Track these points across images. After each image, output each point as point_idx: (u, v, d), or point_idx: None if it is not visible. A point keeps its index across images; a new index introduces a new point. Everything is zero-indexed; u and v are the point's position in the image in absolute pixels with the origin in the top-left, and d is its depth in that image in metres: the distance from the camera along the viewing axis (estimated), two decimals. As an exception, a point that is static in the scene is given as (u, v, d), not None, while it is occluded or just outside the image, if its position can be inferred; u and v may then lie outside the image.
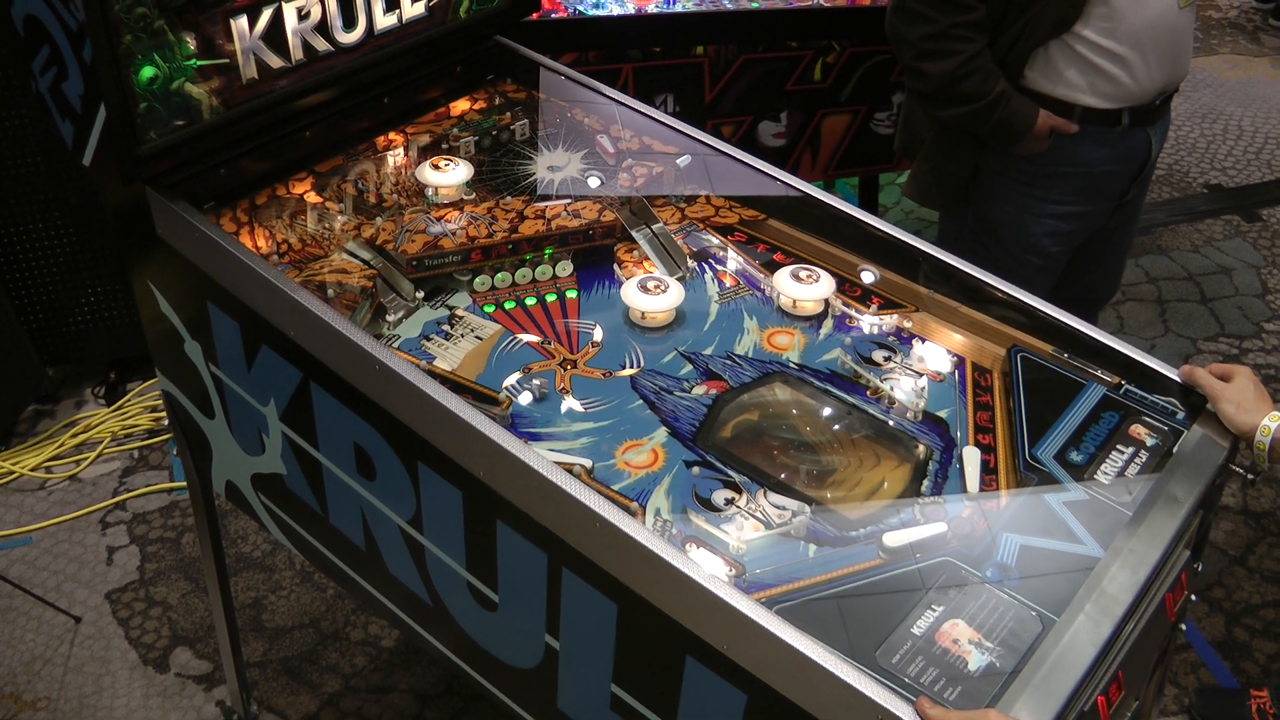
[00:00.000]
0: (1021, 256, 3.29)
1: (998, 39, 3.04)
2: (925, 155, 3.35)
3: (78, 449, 4.31)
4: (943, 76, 3.04)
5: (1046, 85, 3.07)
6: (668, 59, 4.04)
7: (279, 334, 2.23)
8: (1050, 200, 3.21)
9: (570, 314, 2.41)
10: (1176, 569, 2.03)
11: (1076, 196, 3.21)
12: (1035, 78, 3.07)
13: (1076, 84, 3.04)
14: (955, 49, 3.00)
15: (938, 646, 1.75)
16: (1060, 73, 3.03)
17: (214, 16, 2.25)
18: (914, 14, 3.04)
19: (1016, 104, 3.04)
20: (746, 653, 1.73)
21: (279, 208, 2.51)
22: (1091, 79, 3.02)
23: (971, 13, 2.99)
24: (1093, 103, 3.06)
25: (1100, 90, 3.04)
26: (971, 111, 3.07)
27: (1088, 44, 2.97)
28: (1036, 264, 3.30)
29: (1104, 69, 2.99)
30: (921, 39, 3.04)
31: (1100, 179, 3.19)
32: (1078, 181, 3.18)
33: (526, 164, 2.72)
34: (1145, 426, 2.15)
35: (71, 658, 3.56)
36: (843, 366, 2.29)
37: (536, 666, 2.12)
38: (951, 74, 3.02)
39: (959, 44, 3.00)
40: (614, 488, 2.01)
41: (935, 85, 3.08)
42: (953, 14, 2.99)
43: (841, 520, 1.97)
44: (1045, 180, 3.19)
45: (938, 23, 3.00)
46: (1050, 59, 3.03)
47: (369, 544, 2.36)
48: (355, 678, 3.47)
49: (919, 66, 3.09)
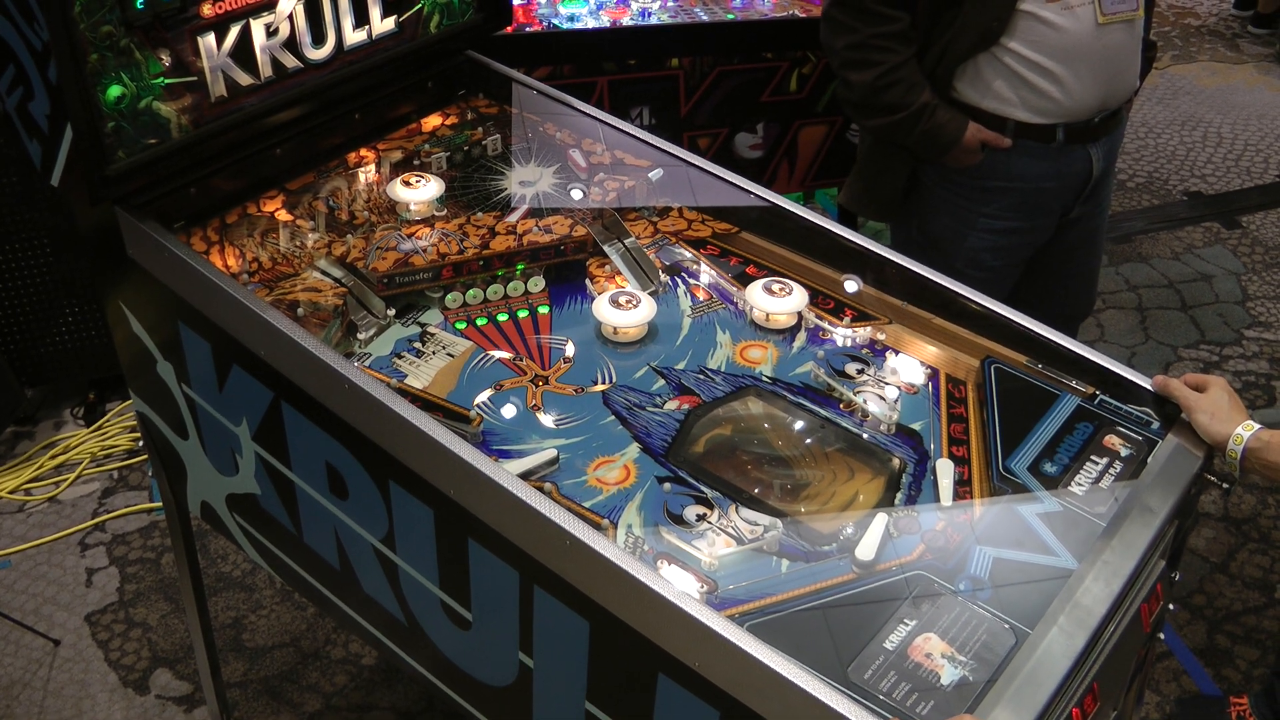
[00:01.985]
0: (962, 270, 3.23)
1: (926, 51, 3.03)
2: (859, 164, 3.36)
3: (57, 470, 4.29)
4: (864, 87, 3.03)
5: (976, 98, 3.05)
6: (643, 71, 4.04)
7: (249, 354, 2.22)
8: (986, 215, 3.18)
9: (542, 330, 2.40)
10: (1152, 579, 2.03)
11: (1013, 212, 3.18)
12: (965, 90, 3.05)
13: (1007, 97, 3.01)
14: (876, 59, 2.99)
15: (910, 661, 1.74)
16: (989, 85, 3.01)
17: (181, 34, 2.25)
18: (837, 24, 3.04)
19: (942, 116, 3.02)
20: (718, 670, 1.72)
21: (250, 226, 2.50)
22: (1022, 93, 3.00)
23: (893, 24, 2.97)
24: (1025, 117, 3.03)
25: (1032, 105, 3.01)
26: (894, 122, 3.05)
27: (1016, 57, 2.94)
28: (977, 277, 3.24)
29: (1033, 83, 2.97)
30: (845, 48, 3.03)
31: (1037, 195, 3.16)
32: (1014, 197, 3.15)
33: (498, 179, 2.72)
34: (1120, 437, 2.15)
35: (51, 681, 3.54)
36: (816, 380, 2.29)
37: (511, 685, 2.11)
38: (872, 84, 3.01)
39: (880, 54, 2.99)
40: (585, 504, 2.00)
41: (859, 95, 3.07)
42: (874, 25, 2.97)
43: (814, 535, 1.96)
44: (981, 194, 3.16)
45: (859, 33, 2.99)
46: (979, 72, 3.01)
47: (343, 563, 2.34)
48: (336, 696, 3.45)
49: (844, 76, 3.09)
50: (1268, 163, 6.08)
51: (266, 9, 2.37)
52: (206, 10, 2.27)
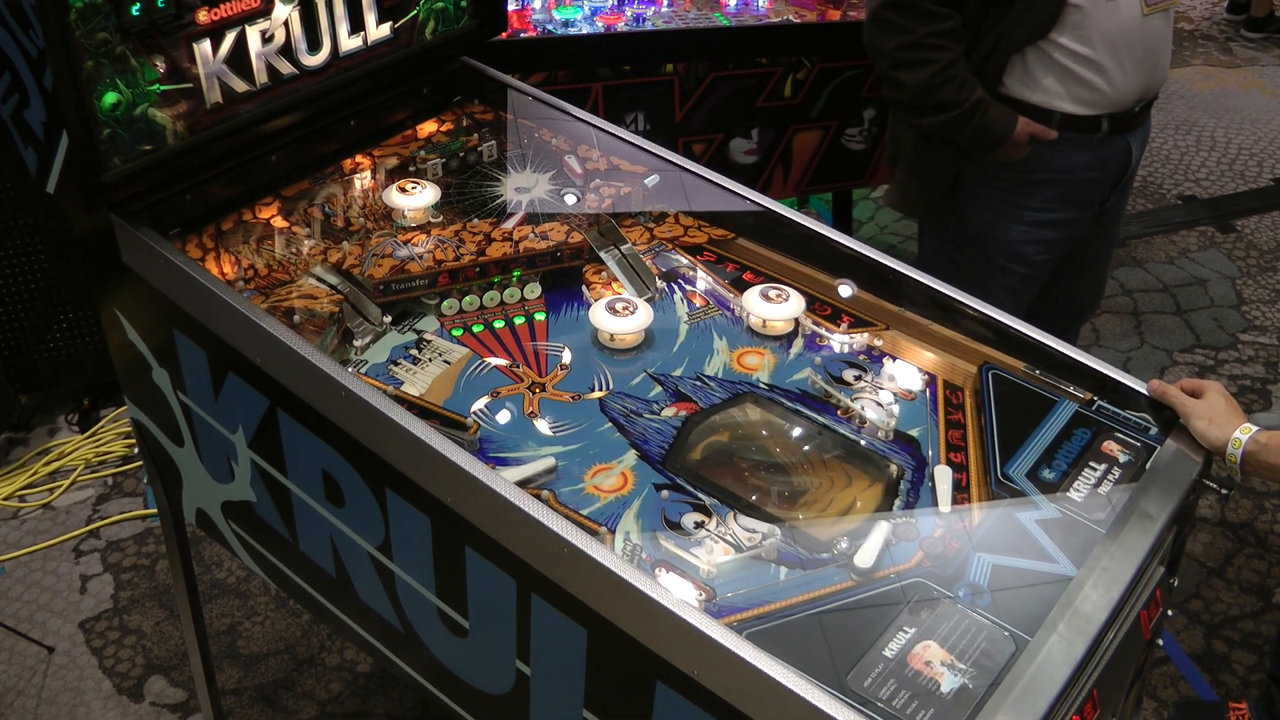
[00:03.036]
0: (1004, 265, 3.29)
1: (974, 47, 3.05)
2: (906, 164, 3.35)
3: (51, 477, 4.28)
4: (919, 85, 3.04)
5: (1024, 92, 3.07)
6: (638, 77, 4.04)
7: (245, 361, 2.21)
8: (1030, 208, 3.21)
9: (539, 337, 2.40)
10: (1151, 585, 2.03)
11: (1057, 204, 3.21)
12: (1013, 85, 3.08)
13: (1054, 90, 3.04)
14: (930, 58, 3.01)
15: (910, 669, 1.73)
16: (1038, 80, 3.04)
17: (177, 41, 2.24)
18: (889, 24, 3.04)
19: (994, 111, 3.05)
20: (717, 678, 1.71)
21: (245, 233, 2.50)
22: (1069, 85, 3.03)
23: (946, 21, 2.99)
24: (1071, 109, 3.07)
25: (1078, 96, 3.05)
26: (948, 120, 3.07)
27: (1063, 50, 2.98)
28: (1020, 273, 3.30)
29: (1080, 75, 3.01)
30: (897, 49, 3.04)
31: (1081, 186, 3.20)
32: (1058, 189, 3.19)
33: (494, 186, 2.71)
34: (1118, 443, 2.14)
35: (45, 689, 3.52)
36: (813, 386, 2.28)
37: (508, 693, 2.11)
38: (927, 83, 3.03)
39: (934, 53, 3.01)
40: (583, 512, 1.99)
41: (912, 94, 3.08)
42: (928, 23, 2.99)
43: (813, 542, 1.96)
44: (1026, 188, 3.19)
45: (913, 32, 3.00)
46: (1027, 66, 3.04)
47: (339, 571, 2.34)
48: (331, 704, 3.44)
49: (895, 76, 3.09)
50: (1261, 166, 6.08)
51: (262, 15, 2.36)
52: (202, 17, 2.26)
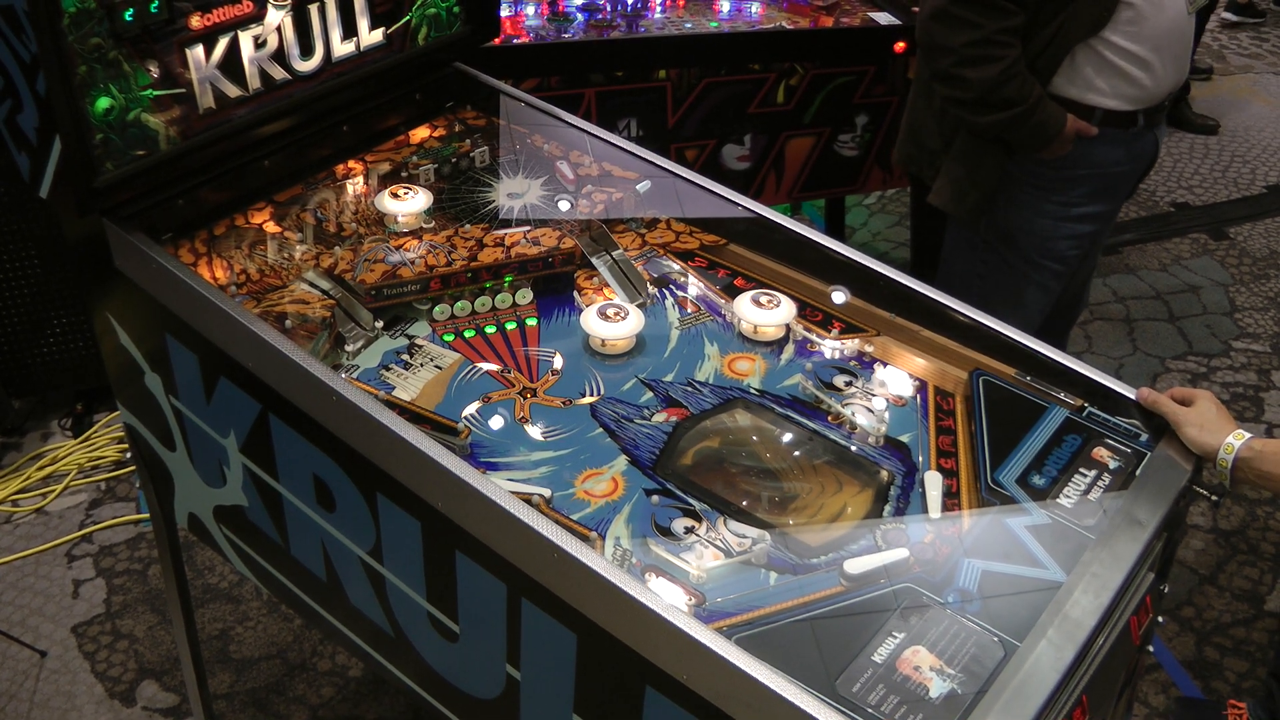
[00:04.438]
0: (1038, 262, 3.32)
1: (1028, 44, 3.05)
2: (956, 161, 3.32)
3: (44, 481, 4.28)
4: (987, 82, 3.02)
5: (1069, 88, 3.10)
6: (630, 83, 4.04)
7: (237, 366, 2.21)
8: (1069, 203, 3.25)
9: (530, 342, 2.40)
10: (1141, 592, 2.03)
11: (1092, 199, 3.24)
12: (1060, 82, 3.10)
13: (1099, 87, 3.07)
14: (999, 54, 3.00)
15: (899, 674, 1.74)
16: (1086, 77, 3.07)
17: (169, 46, 2.24)
18: (957, 20, 3.01)
19: (1051, 108, 3.07)
20: (706, 683, 1.71)
21: (238, 238, 2.50)
22: (1114, 82, 3.06)
23: (1014, 18, 2.98)
24: (1114, 105, 3.10)
25: (1121, 93, 3.07)
26: (1012, 116, 3.06)
27: (1113, 48, 3.00)
28: (1054, 269, 3.32)
29: (1127, 72, 3.03)
30: (965, 45, 3.01)
31: (1115, 179, 3.24)
32: (1095, 183, 3.22)
33: (486, 191, 2.71)
34: (1108, 449, 2.15)
35: (37, 693, 3.52)
36: (804, 392, 2.29)
37: (498, 697, 2.10)
38: (995, 79, 3.01)
39: (1002, 49, 2.99)
40: (573, 517, 2.00)
41: (978, 91, 3.06)
42: (998, 19, 2.97)
43: (802, 547, 1.96)
44: (1064, 184, 3.22)
45: (982, 28, 2.98)
46: (1075, 63, 3.06)
47: (330, 575, 2.34)
48: (322, 708, 3.44)
49: (960, 74, 3.06)
50: (1254, 174, 6.10)
51: (254, 21, 2.37)
52: (195, 22, 2.26)
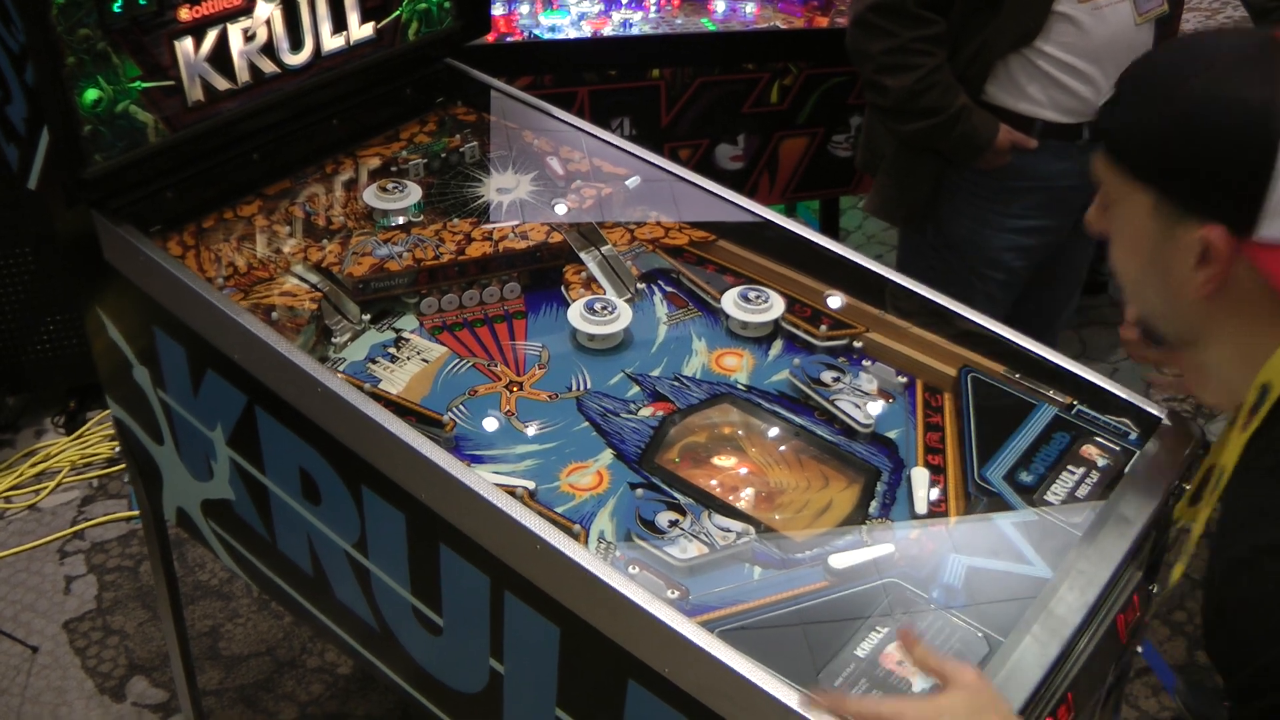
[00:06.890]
0: (983, 272, 3.28)
1: (957, 53, 3.03)
2: (886, 170, 3.33)
3: (37, 478, 4.27)
4: (903, 91, 3.02)
5: (1007, 100, 3.06)
6: (624, 82, 4.04)
7: (223, 358, 2.21)
8: (1011, 215, 3.20)
9: (517, 336, 2.40)
10: (1128, 590, 2.02)
11: (1037, 212, 3.20)
12: (996, 92, 3.06)
13: (1037, 99, 3.03)
14: (916, 63, 2.99)
15: (882, 669, 1.73)
16: (1021, 87, 3.03)
17: (159, 38, 2.23)
18: (874, 28, 3.01)
19: (977, 118, 3.03)
20: (688, 676, 1.71)
21: (226, 231, 2.49)
22: (1052, 94, 3.02)
23: (932, 26, 2.97)
24: (1053, 117, 3.05)
25: (1061, 105, 3.03)
26: (932, 126, 3.05)
27: (1049, 59, 2.96)
28: (999, 279, 3.29)
29: (1065, 84, 2.99)
30: (882, 53, 3.02)
31: (1061, 194, 3.17)
32: (1038, 196, 3.17)
33: (476, 186, 2.71)
34: (1096, 447, 2.14)
35: (29, 688, 3.52)
36: (792, 388, 2.28)
37: (482, 691, 2.10)
38: (912, 89, 3.00)
39: (919, 58, 2.98)
40: (558, 510, 1.99)
41: (896, 100, 3.06)
42: (914, 28, 2.97)
43: (787, 542, 1.95)
44: (1006, 195, 3.17)
45: (898, 37, 2.98)
46: (1011, 73, 3.02)
47: (316, 570, 2.33)
48: (311, 705, 3.44)
49: (879, 81, 3.06)
50: (1252, 179, 6.08)
51: (244, 14, 2.36)
52: (184, 14, 2.26)
